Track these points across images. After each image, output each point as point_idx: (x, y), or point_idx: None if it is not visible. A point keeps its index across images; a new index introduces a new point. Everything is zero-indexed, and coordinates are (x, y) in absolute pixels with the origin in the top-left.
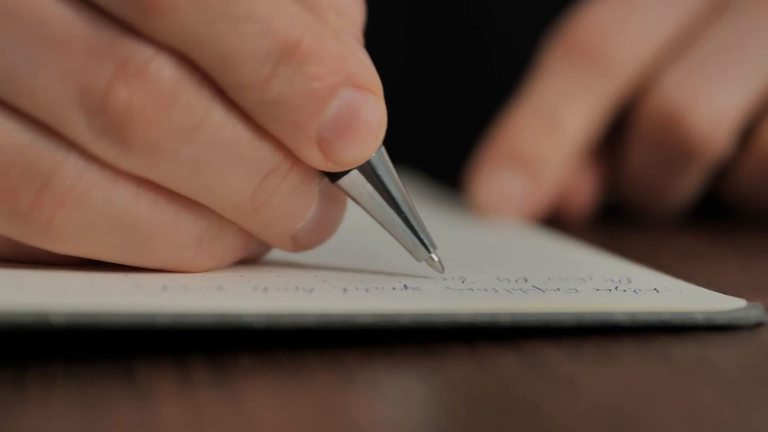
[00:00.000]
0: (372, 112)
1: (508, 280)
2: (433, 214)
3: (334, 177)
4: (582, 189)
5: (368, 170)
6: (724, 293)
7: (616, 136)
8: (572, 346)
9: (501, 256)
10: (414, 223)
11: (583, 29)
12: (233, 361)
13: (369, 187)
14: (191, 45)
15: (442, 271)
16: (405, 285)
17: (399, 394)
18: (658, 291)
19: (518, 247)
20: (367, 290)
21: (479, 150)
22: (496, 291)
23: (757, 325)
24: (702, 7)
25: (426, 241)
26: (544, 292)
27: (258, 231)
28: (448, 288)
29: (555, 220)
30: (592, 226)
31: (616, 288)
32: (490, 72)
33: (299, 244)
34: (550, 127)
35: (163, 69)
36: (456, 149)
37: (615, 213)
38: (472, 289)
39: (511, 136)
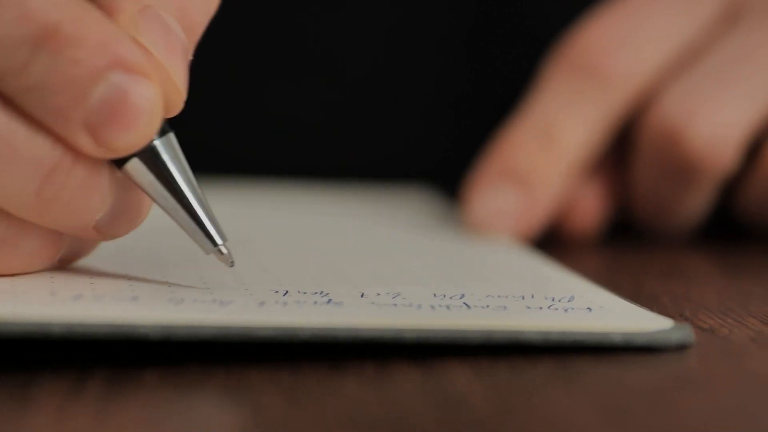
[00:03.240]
0: (142, 96)
1: (444, 296)
2: (422, 229)
3: (118, 164)
4: (586, 205)
5: (149, 158)
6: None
7: (622, 151)
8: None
9: (460, 271)
10: (200, 214)
11: (584, 44)
12: (137, 376)
13: (151, 175)
14: None
15: (231, 264)
16: (330, 299)
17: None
18: (591, 310)
19: (485, 263)
20: (285, 303)
21: (477, 165)
22: (419, 307)
23: (681, 348)
24: (711, 21)
25: (213, 233)
26: (469, 308)
27: (55, 226)
28: (372, 303)
29: (559, 237)
30: (598, 244)
31: (549, 306)
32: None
33: (105, 234)
34: (546, 143)
35: None
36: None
37: (626, 230)
38: (396, 305)
39: (507, 152)
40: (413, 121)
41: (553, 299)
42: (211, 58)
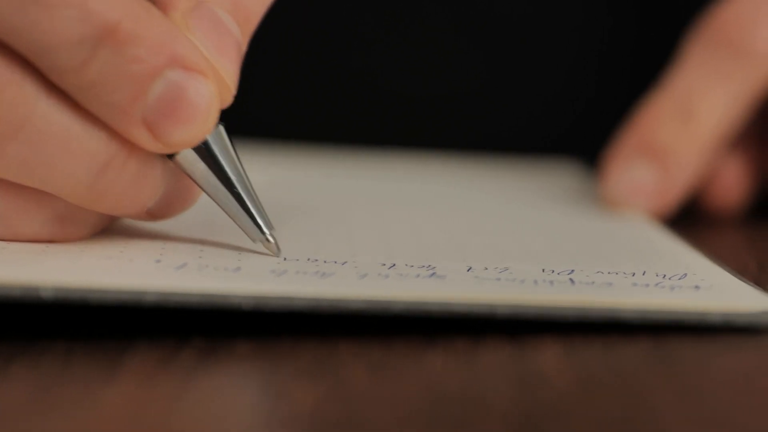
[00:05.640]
0: (199, 93)
1: (552, 272)
2: (551, 204)
3: (170, 154)
4: (726, 181)
5: (201, 149)
6: None
7: (763, 126)
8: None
9: (576, 247)
10: (249, 204)
11: (726, 20)
12: (231, 347)
13: (202, 165)
14: (6, 33)
15: (278, 254)
16: (434, 272)
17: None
18: (698, 288)
19: (606, 239)
20: (387, 276)
21: (615, 139)
22: (522, 282)
23: None
24: None
25: (261, 222)
26: (573, 284)
27: (108, 212)
28: (476, 278)
29: (699, 213)
30: (740, 220)
31: (656, 284)
32: None
33: (156, 216)
34: (686, 118)
35: None
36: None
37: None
38: (499, 279)
39: (645, 127)
40: (548, 91)
41: (664, 276)
42: (329, 29)
